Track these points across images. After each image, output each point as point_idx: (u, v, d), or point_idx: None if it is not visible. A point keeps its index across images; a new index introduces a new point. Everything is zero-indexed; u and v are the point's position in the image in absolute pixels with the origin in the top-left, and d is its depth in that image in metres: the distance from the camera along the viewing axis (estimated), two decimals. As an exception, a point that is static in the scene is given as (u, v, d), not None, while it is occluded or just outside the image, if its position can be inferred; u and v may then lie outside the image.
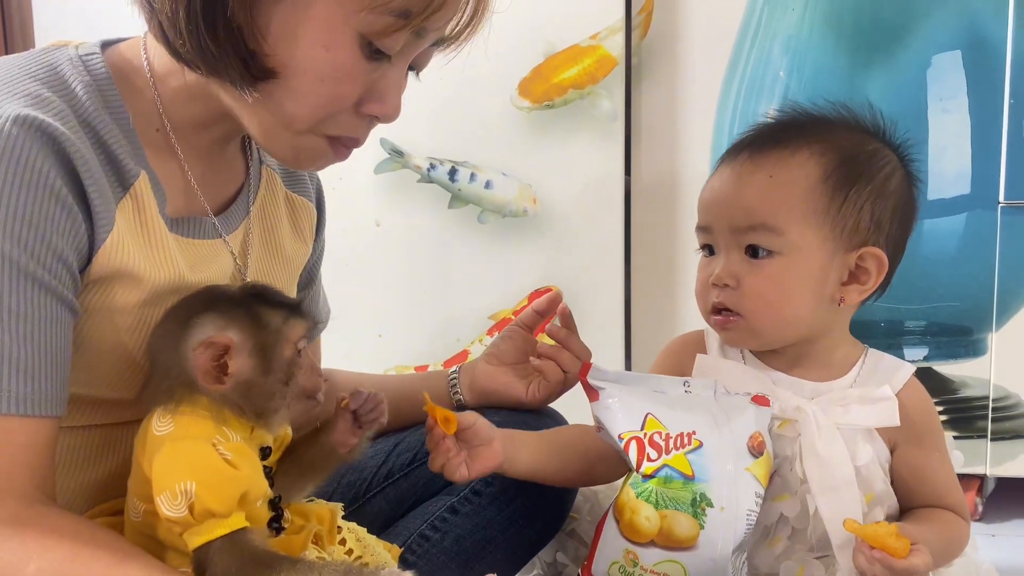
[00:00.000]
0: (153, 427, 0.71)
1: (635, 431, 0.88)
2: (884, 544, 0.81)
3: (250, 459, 0.72)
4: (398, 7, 0.72)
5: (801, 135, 0.92)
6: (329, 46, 0.73)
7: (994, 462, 1.67)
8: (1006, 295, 1.63)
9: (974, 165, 1.61)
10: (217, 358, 0.71)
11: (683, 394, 0.91)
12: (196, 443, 0.69)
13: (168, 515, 0.67)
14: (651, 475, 0.85)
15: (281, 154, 0.80)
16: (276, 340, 0.74)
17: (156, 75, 0.81)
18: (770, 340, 0.93)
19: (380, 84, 0.77)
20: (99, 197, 0.73)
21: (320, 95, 0.74)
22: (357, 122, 0.78)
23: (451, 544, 0.96)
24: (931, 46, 1.60)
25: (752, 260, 0.90)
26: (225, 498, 0.67)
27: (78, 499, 0.80)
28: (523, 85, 1.68)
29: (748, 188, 0.90)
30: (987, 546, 1.60)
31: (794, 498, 0.91)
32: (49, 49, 0.79)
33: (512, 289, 1.75)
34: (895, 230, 0.92)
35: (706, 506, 0.84)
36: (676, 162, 1.71)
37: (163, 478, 0.68)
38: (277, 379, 0.74)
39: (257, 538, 0.69)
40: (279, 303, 0.76)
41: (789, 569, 0.91)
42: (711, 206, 0.92)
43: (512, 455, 0.94)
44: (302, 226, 0.99)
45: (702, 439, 0.87)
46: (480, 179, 1.72)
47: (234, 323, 0.72)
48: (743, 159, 0.92)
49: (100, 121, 0.76)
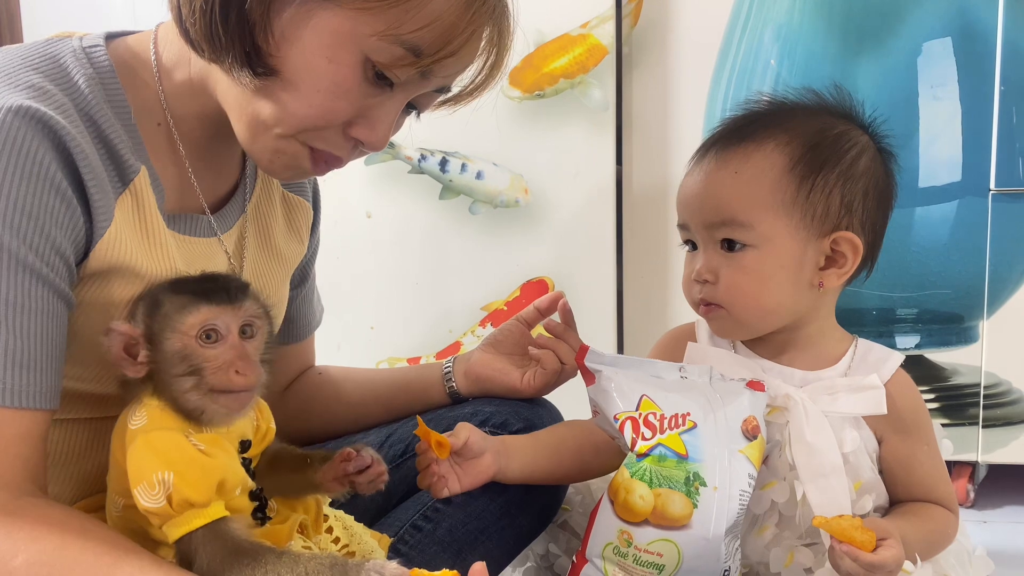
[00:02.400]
0: (129, 421, 0.70)
1: (630, 411, 0.89)
2: (850, 537, 0.81)
3: (224, 448, 0.71)
4: (410, 42, 0.72)
5: (765, 127, 0.93)
6: (332, 59, 0.73)
7: (985, 449, 1.67)
8: (997, 282, 1.63)
9: (965, 152, 1.61)
10: (126, 347, 0.70)
11: (679, 379, 0.92)
12: (169, 434, 0.69)
13: (147, 506, 0.66)
14: (645, 454, 0.87)
15: (259, 155, 0.79)
16: (162, 329, 0.70)
17: (163, 68, 0.80)
18: (754, 329, 0.94)
19: (374, 111, 0.77)
20: (98, 191, 0.73)
21: (313, 104, 0.74)
22: (343, 142, 0.78)
23: (443, 534, 0.96)
24: (922, 33, 1.60)
25: (728, 254, 0.91)
26: (203, 487, 0.67)
27: (67, 492, 0.79)
28: (513, 75, 1.67)
29: (715, 186, 0.92)
30: (979, 532, 1.60)
31: (783, 484, 0.91)
32: (52, 40, 0.79)
33: (504, 280, 1.74)
34: (870, 211, 0.93)
35: (699, 485, 0.85)
36: (667, 151, 1.71)
37: (139, 469, 0.67)
38: (176, 372, 0.69)
39: (240, 529, 0.69)
40: (188, 290, 0.71)
41: (778, 557, 0.92)
42: (685, 205, 0.95)
43: (505, 464, 0.95)
44: (298, 226, 0.99)
45: (696, 420, 0.88)
46: (471, 169, 1.72)
47: (139, 311, 0.71)
48: (710, 157, 0.94)
49: (101, 115, 0.75)
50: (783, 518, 0.92)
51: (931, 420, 0.97)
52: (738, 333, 0.96)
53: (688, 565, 0.85)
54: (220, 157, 0.86)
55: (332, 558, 0.66)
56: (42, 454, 0.72)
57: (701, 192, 0.93)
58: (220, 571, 0.66)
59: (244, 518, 0.72)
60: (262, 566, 0.65)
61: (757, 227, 0.90)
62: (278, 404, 0.84)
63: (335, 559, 0.65)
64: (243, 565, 0.65)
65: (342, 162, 0.81)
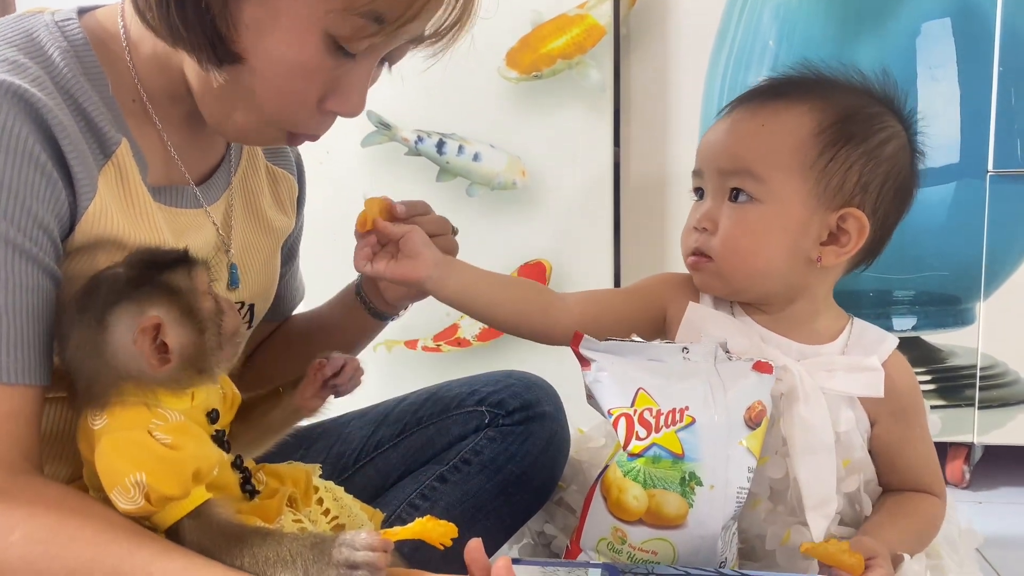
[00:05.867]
0: (89, 422, 0.69)
1: (625, 407, 0.86)
2: (839, 562, 0.81)
3: (192, 434, 0.70)
4: (371, 12, 0.71)
5: (803, 91, 0.92)
6: (294, 43, 0.72)
7: (981, 430, 1.68)
8: (994, 264, 1.63)
9: (963, 134, 1.60)
10: (153, 341, 0.69)
11: (681, 361, 0.88)
12: (131, 434, 0.67)
13: (126, 508, 0.66)
14: (639, 454, 0.84)
15: (234, 136, 0.79)
16: (194, 298, 0.71)
17: (131, 41, 0.79)
18: (738, 288, 0.93)
19: (344, 81, 0.76)
20: (80, 164, 0.72)
21: (282, 91, 0.74)
22: (319, 119, 0.78)
23: (440, 513, 0.95)
24: (920, 14, 1.59)
25: (733, 204, 0.90)
26: (176, 481, 0.66)
27: (63, 471, 0.79)
28: (511, 55, 1.66)
29: (738, 135, 0.91)
30: (974, 513, 1.61)
31: (776, 459, 0.90)
32: (24, 15, 0.78)
33: (502, 262, 1.74)
34: (885, 199, 0.91)
35: (695, 485, 0.83)
36: (665, 132, 1.70)
37: (111, 474, 0.66)
38: (212, 332, 0.72)
39: (225, 511, 0.68)
40: (172, 261, 0.73)
41: (775, 534, 0.91)
42: (704, 150, 0.94)
43: (441, 276, 0.92)
44: (283, 199, 0.98)
45: (695, 415, 0.85)
46: (468, 151, 1.71)
47: (149, 301, 0.69)
48: (743, 108, 0.93)
49: (78, 88, 0.74)
50: (775, 492, 0.92)
51: (924, 403, 0.96)
52: (719, 287, 0.94)
53: (684, 560, 0.84)
54: (202, 130, 0.86)
55: (314, 537, 0.66)
56: (35, 432, 0.71)
57: (723, 138, 0.92)
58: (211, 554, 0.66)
59: (232, 494, 0.72)
60: (249, 548, 0.65)
61: (769, 183, 0.88)
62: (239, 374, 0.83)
63: (316, 538, 0.66)
64: (230, 546, 0.66)
65: (318, 136, 0.81)
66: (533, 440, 1.00)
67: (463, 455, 0.99)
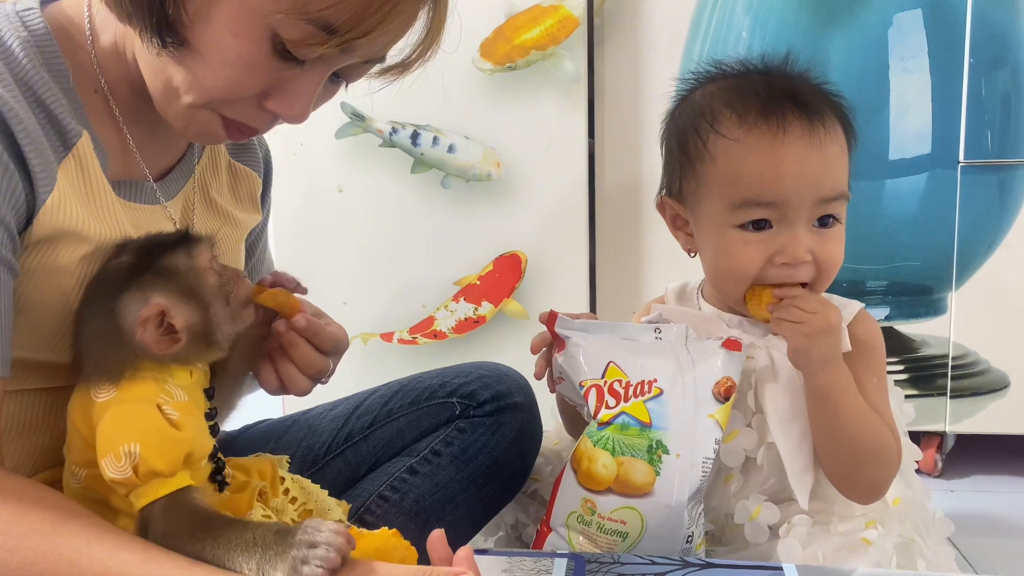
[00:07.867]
0: (93, 395, 0.70)
1: (595, 379, 0.90)
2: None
3: (194, 417, 0.71)
4: (320, 20, 0.70)
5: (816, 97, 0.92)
6: (237, 34, 0.71)
7: (953, 419, 1.69)
8: (966, 254, 1.64)
9: (935, 125, 1.61)
10: (160, 325, 0.71)
11: (653, 340, 0.92)
12: (140, 405, 0.69)
13: (112, 476, 0.66)
14: (608, 422, 0.87)
15: (173, 120, 0.78)
16: (196, 277, 0.74)
17: (94, 30, 0.79)
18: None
19: (290, 85, 0.75)
20: (37, 157, 0.71)
21: (220, 77, 0.73)
22: (258, 114, 0.77)
23: (410, 504, 0.96)
24: (892, 5, 1.60)
25: (821, 230, 0.90)
26: (169, 457, 0.67)
27: (26, 465, 0.78)
28: (485, 46, 1.66)
29: (833, 160, 0.89)
30: (946, 501, 1.63)
31: (748, 431, 0.92)
32: None
33: (477, 254, 1.74)
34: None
35: (662, 453, 0.86)
36: (640, 123, 1.70)
37: (107, 441, 0.67)
38: (219, 305, 0.74)
39: (200, 498, 0.69)
40: (171, 244, 0.75)
41: (744, 508, 0.92)
42: (788, 180, 0.88)
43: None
44: (243, 195, 0.97)
45: (663, 387, 0.88)
46: (443, 143, 1.71)
47: (151, 288, 0.71)
48: (804, 129, 0.88)
49: (38, 79, 0.73)
50: (747, 461, 0.93)
51: (884, 362, 0.96)
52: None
53: (651, 532, 0.86)
54: (163, 125, 0.85)
55: (278, 524, 0.68)
56: None
57: (819, 166, 0.88)
58: (177, 537, 0.66)
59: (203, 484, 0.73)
60: (215, 531, 0.66)
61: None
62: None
63: (280, 525, 0.67)
64: (199, 531, 0.66)
65: (258, 131, 0.80)
66: (504, 431, 1.00)
67: (433, 447, 0.99)
